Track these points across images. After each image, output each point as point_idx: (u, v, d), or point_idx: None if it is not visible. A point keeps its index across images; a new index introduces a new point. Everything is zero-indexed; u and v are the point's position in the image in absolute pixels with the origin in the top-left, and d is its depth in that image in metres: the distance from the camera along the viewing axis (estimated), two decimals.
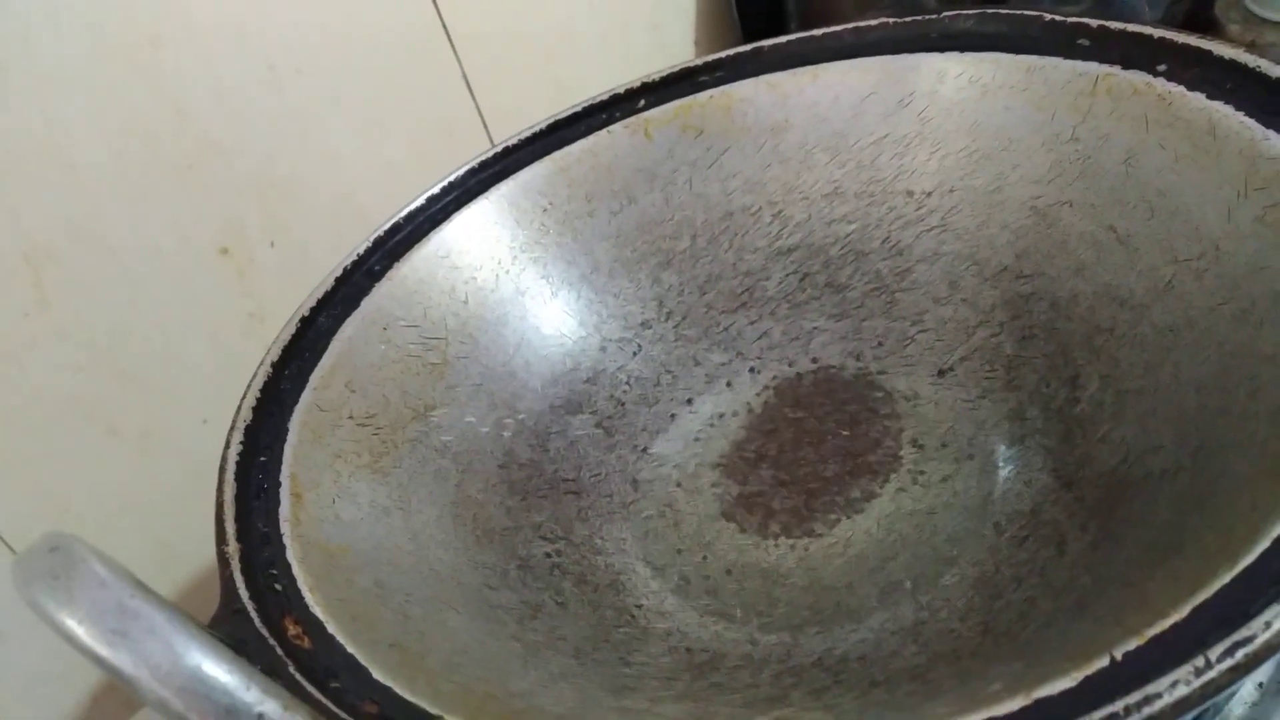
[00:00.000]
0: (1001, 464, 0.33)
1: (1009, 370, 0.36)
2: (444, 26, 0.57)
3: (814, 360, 0.40)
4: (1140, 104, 0.34)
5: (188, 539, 0.54)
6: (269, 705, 0.17)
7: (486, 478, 0.36)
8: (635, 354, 0.41)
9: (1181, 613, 0.19)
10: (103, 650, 0.16)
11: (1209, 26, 0.54)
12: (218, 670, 0.17)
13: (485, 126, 0.61)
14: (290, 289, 0.54)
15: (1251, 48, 0.50)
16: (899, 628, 0.29)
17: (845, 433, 0.37)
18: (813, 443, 0.37)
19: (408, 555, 0.31)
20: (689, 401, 0.40)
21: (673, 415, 0.40)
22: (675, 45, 0.69)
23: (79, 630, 0.16)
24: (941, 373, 0.37)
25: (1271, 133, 0.30)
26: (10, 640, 0.46)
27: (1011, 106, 0.37)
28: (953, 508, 0.33)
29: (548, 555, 0.34)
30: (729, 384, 0.40)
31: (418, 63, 0.56)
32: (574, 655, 0.29)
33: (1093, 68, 0.35)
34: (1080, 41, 0.36)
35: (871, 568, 0.32)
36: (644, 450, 0.39)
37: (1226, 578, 0.20)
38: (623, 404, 0.40)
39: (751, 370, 0.40)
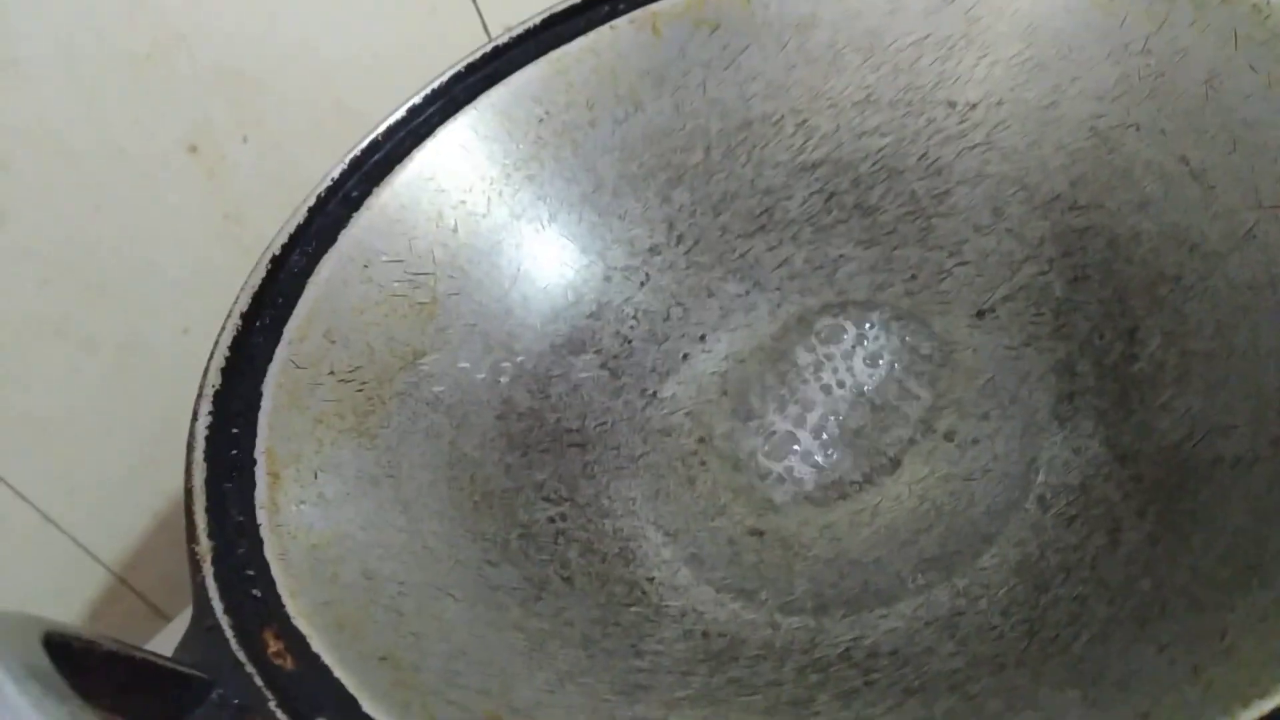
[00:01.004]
0: (1047, 426, 0.30)
1: (1057, 315, 0.32)
2: None
3: (839, 293, 0.36)
4: (1229, 14, 0.29)
5: (175, 453, 0.52)
6: None
7: (483, 431, 0.33)
8: (643, 284, 0.37)
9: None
10: None
11: None
12: None
13: (474, 3, 0.55)
14: (266, 187, 0.50)
15: None
16: (933, 617, 0.27)
17: (874, 380, 0.34)
18: (835, 392, 0.34)
19: (399, 532, 0.28)
20: (702, 338, 0.37)
21: (684, 354, 0.36)
22: None
23: None
24: (981, 313, 0.34)
25: None
26: None
27: (1074, 8, 0.33)
28: (992, 474, 0.30)
29: (551, 520, 0.31)
30: (746, 318, 0.37)
31: None
32: (582, 645, 0.27)
33: None
34: None
35: (902, 541, 0.29)
36: (653, 395, 0.36)
37: None
38: (630, 341, 0.36)
39: (771, 303, 0.37)
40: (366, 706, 0.22)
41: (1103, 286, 0.32)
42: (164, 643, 0.34)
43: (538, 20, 0.38)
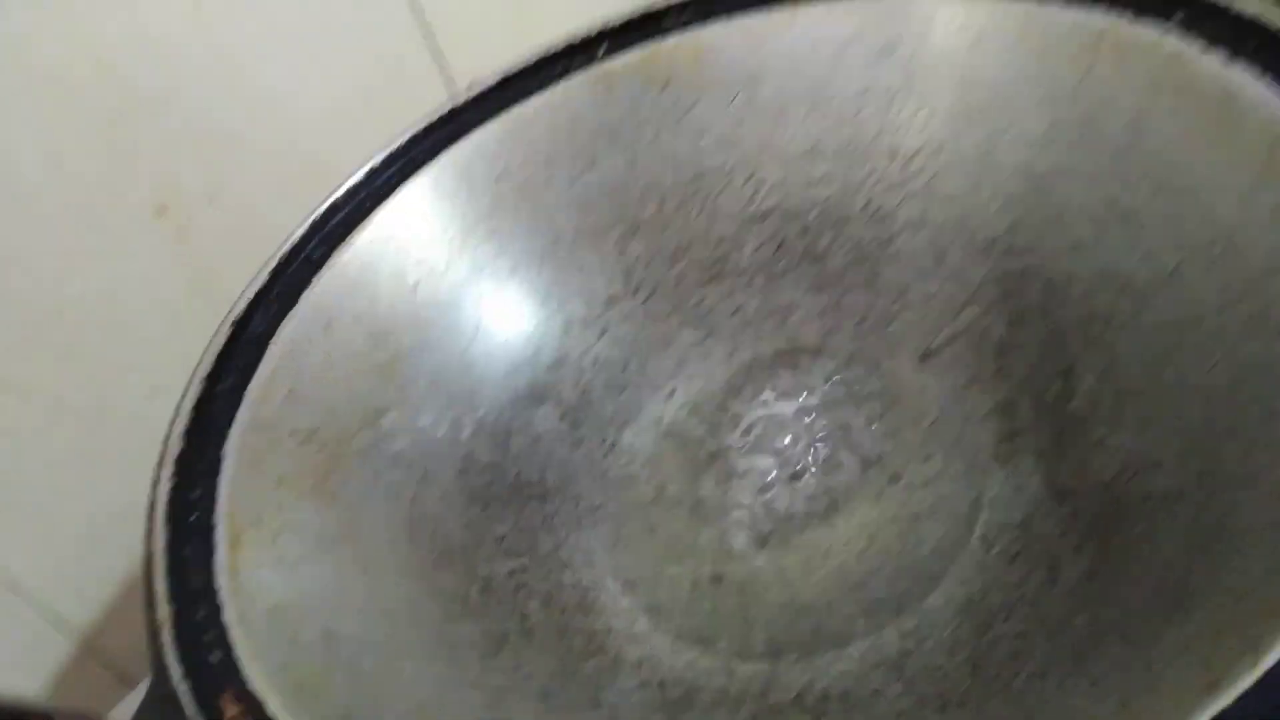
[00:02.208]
0: (989, 466, 0.31)
1: (998, 356, 0.33)
2: None
3: (791, 339, 0.37)
4: (1149, 63, 0.30)
5: (142, 516, 0.52)
6: None
7: (444, 487, 0.33)
8: (602, 334, 0.38)
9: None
10: None
11: None
12: None
13: (438, 56, 0.56)
14: (235, 247, 0.51)
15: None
16: (882, 659, 0.28)
17: (826, 422, 0.35)
18: (789, 435, 0.35)
19: (359, 593, 0.29)
20: (659, 387, 0.38)
21: (642, 403, 0.37)
22: None
23: None
24: (926, 355, 0.35)
25: None
26: None
27: (1006, 59, 0.34)
28: (938, 515, 0.31)
29: (511, 574, 0.32)
30: (702, 365, 0.38)
31: None
32: (540, 698, 0.28)
33: (1097, 18, 0.32)
34: None
35: (853, 584, 0.30)
36: (612, 444, 0.36)
37: (1249, 680, 0.18)
38: (589, 391, 0.37)
39: (726, 350, 0.38)
40: None
41: (1040, 327, 0.33)
42: (127, 709, 0.34)
43: (494, 80, 0.39)
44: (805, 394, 0.36)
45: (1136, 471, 0.27)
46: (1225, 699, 0.18)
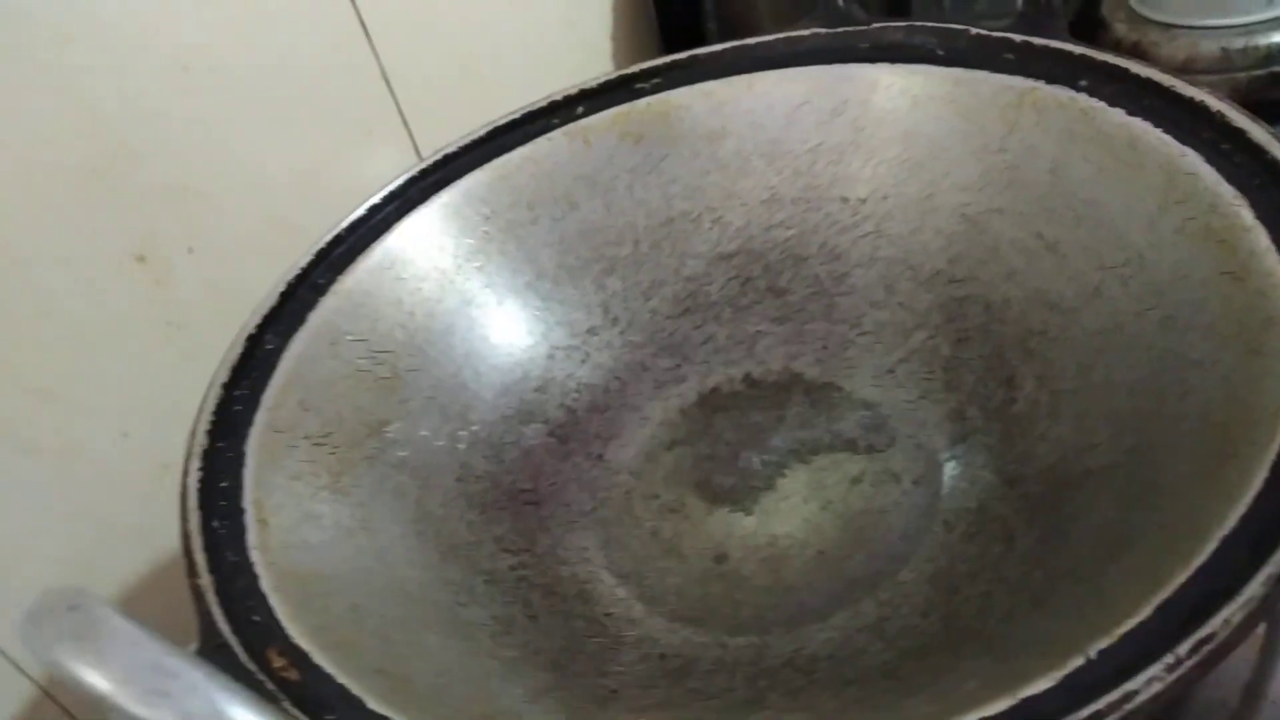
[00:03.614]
0: (945, 463, 0.35)
1: (947, 371, 0.37)
2: (362, 23, 0.56)
3: (759, 363, 0.41)
4: (1064, 118, 0.36)
5: (110, 557, 0.52)
6: None
7: (445, 492, 0.36)
8: (583, 361, 0.41)
9: (1145, 611, 0.21)
10: (143, 711, 0.16)
11: (1096, 26, 0.57)
12: None
13: (405, 124, 0.60)
14: (210, 297, 0.52)
15: (1136, 48, 0.53)
16: (863, 625, 0.31)
17: (795, 434, 0.38)
18: (761, 446, 0.38)
19: (378, 576, 0.31)
20: (638, 408, 0.41)
21: (624, 421, 0.40)
22: (593, 41, 0.70)
23: (116, 692, 0.16)
24: (882, 375, 0.39)
25: (1188, 149, 0.32)
26: None
27: (941, 117, 0.39)
28: (902, 507, 0.34)
29: (512, 568, 0.34)
30: (677, 388, 0.41)
31: (335, 61, 0.55)
32: (551, 669, 0.30)
33: (1018, 82, 0.37)
34: (1006, 56, 0.38)
35: (829, 569, 0.33)
36: (599, 457, 0.39)
37: (1183, 577, 0.22)
38: (574, 411, 0.40)
39: (699, 374, 0.41)
40: (373, 704, 0.24)
41: (983, 345, 0.37)
42: None
43: (483, 132, 0.43)
44: (775, 410, 0.39)
45: (1075, 454, 0.31)
46: (1165, 592, 0.22)
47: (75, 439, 0.48)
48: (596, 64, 0.69)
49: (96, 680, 0.16)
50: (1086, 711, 0.19)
